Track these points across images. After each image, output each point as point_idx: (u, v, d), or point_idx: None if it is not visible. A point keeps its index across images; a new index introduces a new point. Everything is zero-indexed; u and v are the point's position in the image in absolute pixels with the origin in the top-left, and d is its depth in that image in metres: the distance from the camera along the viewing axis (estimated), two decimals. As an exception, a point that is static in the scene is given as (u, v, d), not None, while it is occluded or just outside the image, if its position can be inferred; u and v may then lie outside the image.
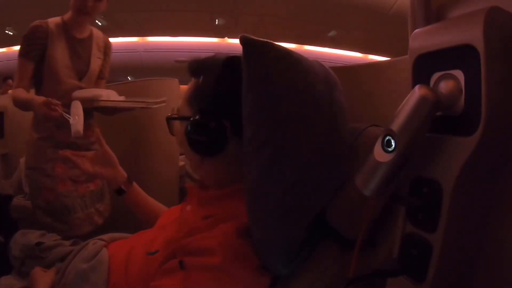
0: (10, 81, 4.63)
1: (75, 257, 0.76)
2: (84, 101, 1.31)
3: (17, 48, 1.40)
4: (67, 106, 1.27)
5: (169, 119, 0.72)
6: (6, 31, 5.59)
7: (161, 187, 1.84)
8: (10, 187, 2.14)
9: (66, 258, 0.79)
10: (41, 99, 1.24)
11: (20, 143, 2.63)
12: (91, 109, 1.40)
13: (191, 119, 0.63)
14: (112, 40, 1.63)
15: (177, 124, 0.71)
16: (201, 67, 0.68)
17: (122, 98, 1.44)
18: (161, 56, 6.38)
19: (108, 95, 1.40)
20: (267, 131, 0.56)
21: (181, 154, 2.04)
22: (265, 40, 0.57)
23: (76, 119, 1.22)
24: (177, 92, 2.04)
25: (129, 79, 5.66)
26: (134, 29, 5.96)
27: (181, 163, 2.10)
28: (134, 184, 0.94)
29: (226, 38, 6.37)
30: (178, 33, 6.15)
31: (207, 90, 0.64)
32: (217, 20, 5.42)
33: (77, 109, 1.26)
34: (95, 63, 1.50)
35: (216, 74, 0.63)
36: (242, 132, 0.59)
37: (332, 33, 6.15)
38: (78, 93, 1.36)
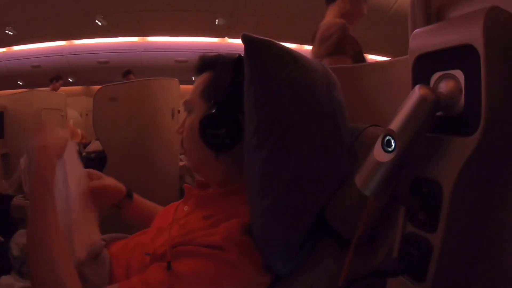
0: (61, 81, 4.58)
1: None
2: None
3: (17, 48, 1.38)
4: None
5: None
6: (6, 31, 5.57)
7: (161, 186, 1.84)
8: (10, 187, 2.13)
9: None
10: None
11: (20, 143, 2.64)
12: None
13: (211, 111, 0.62)
14: (112, 40, 1.63)
15: (188, 118, 0.69)
16: (215, 61, 0.68)
17: None
18: (161, 56, 6.38)
19: None
20: (268, 126, 0.56)
21: (181, 154, 2.04)
22: (266, 38, 0.57)
23: None
24: (177, 92, 2.04)
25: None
26: (134, 29, 5.95)
27: (181, 163, 2.10)
28: (135, 196, 0.91)
29: (226, 38, 6.37)
30: (178, 33, 6.14)
31: (223, 83, 0.64)
32: (217, 20, 5.41)
33: None
34: None
35: (232, 68, 0.64)
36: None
37: (332, 33, 6.15)
38: None
